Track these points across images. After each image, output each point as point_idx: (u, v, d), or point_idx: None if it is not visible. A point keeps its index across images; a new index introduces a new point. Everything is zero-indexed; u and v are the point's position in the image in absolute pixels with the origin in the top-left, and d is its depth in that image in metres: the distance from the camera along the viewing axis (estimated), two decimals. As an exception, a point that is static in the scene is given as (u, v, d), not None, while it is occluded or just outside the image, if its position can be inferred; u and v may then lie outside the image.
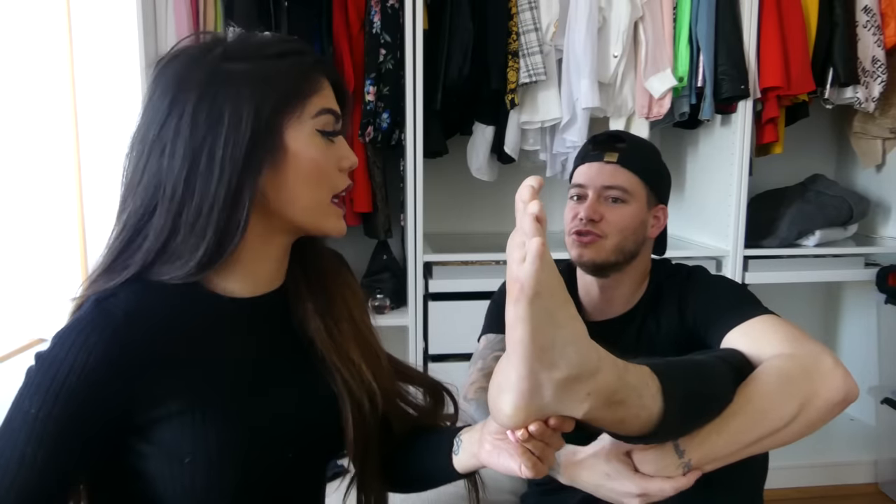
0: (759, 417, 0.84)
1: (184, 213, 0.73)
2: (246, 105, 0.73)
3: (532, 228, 0.61)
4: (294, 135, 0.76)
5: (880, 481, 2.37)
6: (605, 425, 0.72)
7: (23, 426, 0.68)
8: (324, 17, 2.06)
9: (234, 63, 0.75)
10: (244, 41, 0.78)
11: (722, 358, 0.91)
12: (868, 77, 2.22)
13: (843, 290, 2.82)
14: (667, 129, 2.46)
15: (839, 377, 0.88)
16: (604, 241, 1.17)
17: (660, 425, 0.73)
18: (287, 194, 0.77)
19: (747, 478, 1.05)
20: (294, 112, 0.76)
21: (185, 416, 0.72)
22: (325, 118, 0.78)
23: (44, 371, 0.69)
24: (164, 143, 0.74)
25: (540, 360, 0.63)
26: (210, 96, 0.73)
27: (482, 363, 1.18)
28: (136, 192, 0.75)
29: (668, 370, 0.76)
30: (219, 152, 0.72)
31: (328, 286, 0.89)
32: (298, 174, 0.76)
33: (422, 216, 2.07)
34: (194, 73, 0.74)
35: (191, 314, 0.76)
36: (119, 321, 0.70)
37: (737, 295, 1.11)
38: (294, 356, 0.84)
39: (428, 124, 2.06)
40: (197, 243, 0.73)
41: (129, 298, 0.72)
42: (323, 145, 0.78)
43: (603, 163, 1.18)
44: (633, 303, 1.23)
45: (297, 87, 0.76)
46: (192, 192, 0.73)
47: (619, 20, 2.08)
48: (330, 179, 0.79)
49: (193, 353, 0.74)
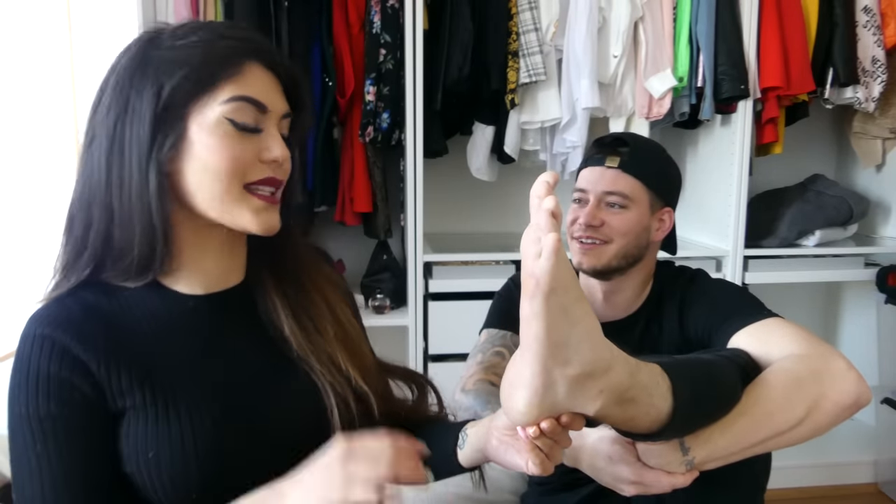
0: (765, 419, 0.83)
1: (114, 206, 0.74)
2: (148, 89, 0.72)
3: (548, 224, 0.61)
4: (198, 120, 0.74)
5: (880, 481, 2.37)
6: (615, 423, 0.72)
7: (23, 428, 0.71)
8: (324, 17, 2.06)
9: (156, 50, 0.74)
10: (180, 27, 0.77)
11: (729, 358, 0.91)
12: (868, 77, 2.22)
13: (843, 290, 2.82)
14: (667, 129, 2.46)
15: (851, 380, 0.87)
16: (605, 247, 1.16)
17: (668, 424, 0.73)
18: (192, 184, 0.75)
19: (749, 476, 1.05)
20: (200, 98, 0.73)
21: (147, 410, 0.73)
22: (238, 105, 0.74)
23: (17, 370, 0.72)
24: (91, 135, 0.76)
25: (554, 356, 0.64)
26: (124, 83, 0.73)
27: (482, 356, 1.18)
28: (76, 187, 0.77)
29: (677, 369, 0.76)
30: (126, 138, 0.73)
31: (304, 282, 0.87)
32: (198, 162, 0.74)
33: (422, 216, 2.07)
34: (120, 60, 0.75)
35: (148, 311, 0.77)
36: (75, 314, 0.74)
37: (741, 298, 1.10)
38: (261, 352, 0.83)
39: (428, 124, 2.06)
40: (130, 237, 0.74)
41: (85, 296, 0.76)
42: (234, 134, 0.74)
43: (604, 168, 1.17)
44: (637, 306, 1.22)
45: (205, 72, 0.73)
46: (113, 182, 0.74)
47: (619, 20, 2.08)
48: (238, 171, 0.75)
49: (151, 348, 0.75)
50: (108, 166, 0.74)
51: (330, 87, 2.07)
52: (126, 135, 0.73)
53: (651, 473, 0.82)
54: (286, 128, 0.81)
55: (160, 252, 0.75)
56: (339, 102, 2.09)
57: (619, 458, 0.83)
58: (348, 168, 2.15)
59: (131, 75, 0.74)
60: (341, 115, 2.13)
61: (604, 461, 0.85)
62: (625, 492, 0.84)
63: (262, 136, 0.77)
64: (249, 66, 0.76)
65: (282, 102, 0.79)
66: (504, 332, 1.21)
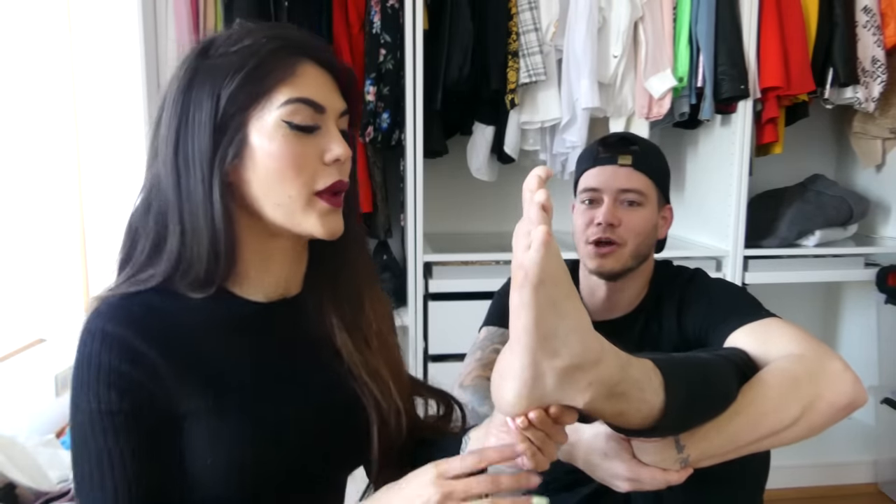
0: (761, 418, 0.83)
1: (184, 216, 0.74)
2: (206, 100, 0.72)
3: (538, 217, 0.61)
4: (258, 126, 0.74)
5: (880, 481, 2.37)
6: (605, 417, 0.72)
7: (93, 424, 0.70)
8: (324, 16, 2.06)
9: (209, 59, 0.74)
10: (230, 34, 0.76)
11: (726, 357, 0.91)
12: (868, 77, 2.22)
13: (843, 290, 2.82)
14: (667, 129, 2.46)
15: (847, 381, 0.87)
16: (623, 249, 1.15)
17: (660, 421, 0.73)
18: (256, 190, 0.75)
19: (748, 475, 1.06)
20: (257, 103, 0.73)
21: (207, 417, 0.73)
22: (295, 107, 0.74)
23: (82, 366, 0.71)
24: (154, 150, 0.76)
25: (542, 348, 0.64)
26: (182, 96, 0.74)
27: (480, 353, 1.18)
28: (144, 198, 0.77)
29: (671, 366, 0.76)
30: (189, 150, 0.73)
31: (360, 300, 0.87)
32: (263, 168, 0.74)
33: (422, 216, 2.07)
34: (177, 74, 0.75)
35: (209, 314, 0.76)
36: (141, 313, 0.73)
37: (740, 298, 1.11)
38: (313, 363, 0.83)
39: (428, 124, 2.07)
40: (199, 250, 0.74)
41: (150, 298, 0.75)
42: (293, 137, 0.74)
43: (617, 166, 1.16)
44: (635, 304, 1.22)
45: (259, 76, 0.73)
46: (182, 193, 0.74)
47: (619, 20, 2.09)
48: (304, 174, 0.75)
49: (211, 353, 0.75)
50: (175, 180, 0.74)
51: (330, 87, 2.07)
52: (189, 147, 0.73)
53: (646, 470, 0.82)
54: (345, 124, 0.81)
55: (224, 263, 0.75)
56: (339, 102, 2.09)
57: (614, 454, 0.83)
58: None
59: (188, 87, 0.74)
60: (341, 115, 2.13)
61: (599, 457, 0.85)
62: (620, 488, 0.85)
63: (321, 136, 0.76)
64: (303, 66, 0.75)
65: (338, 100, 0.79)
66: (503, 330, 1.22)
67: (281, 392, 0.78)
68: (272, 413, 0.76)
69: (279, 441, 0.76)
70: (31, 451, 1.72)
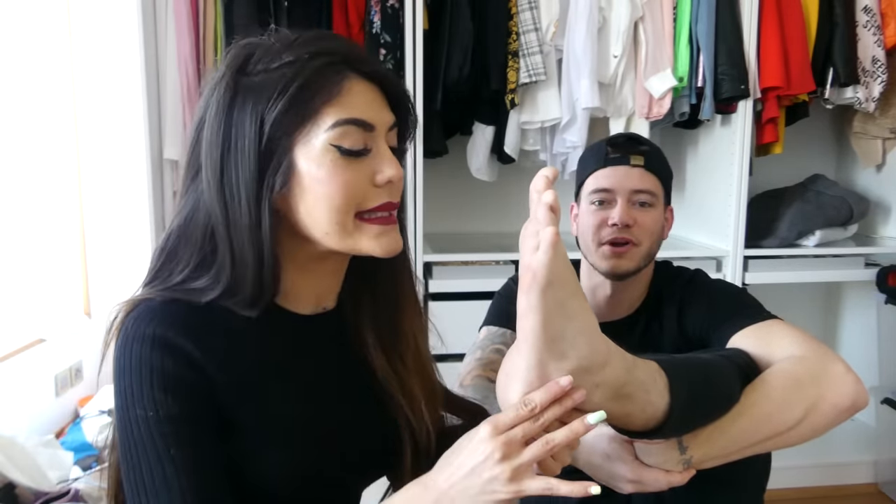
0: (764, 420, 0.83)
1: (232, 242, 0.71)
2: (248, 124, 0.69)
3: (546, 218, 0.61)
4: (304, 151, 0.70)
5: (880, 481, 2.37)
6: (611, 419, 0.72)
7: (151, 432, 0.67)
8: (324, 16, 2.06)
9: (249, 77, 0.70)
10: (270, 47, 0.72)
11: (728, 357, 0.91)
12: (868, 77, 2.22)
13: (843, 290, 2.82)
14: (667, 129, 2.46)
15: (849, 383, 0.87)
16: (639, 249, 1.15)
17: (664, 422, 0.73)
18: (305, 217, 0.72)
19: (749, 476, 1.05)
20: (303, 126, 0.70)
21: (246, 428, 0.72)
22: (344, 130, 0.70)
23: (129, 371, 0.68)
24: (196, 167, 0.73)
25: (549, 349, 0.63)
26: (223, 118, 0.70)
27: (481, 353, 1.18)
28: (180, 215, 0.74)
29: (675, 367, 0.76)
30: (234, 177, 0.70)
31: (399, 316, 0.85)
32: (311, 195, 0.71)
33: (422, 216, 2.07)
34: (217, 90, 0.71)
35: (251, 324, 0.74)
36: (187, 317, 0.70)
37: (741, 299, 1.11)
38: (352, 380, 0.83)
39: (428, 124, 2.06)
40: (244, 273, 0.71)
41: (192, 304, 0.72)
42: (341, 161, 0.70)
43: (630, 166, 1.16)
44: (636, 306, 1.22)
45: (305, 97, 0.69)
46: (230, 220, 0.71)
47: (619, 20, 2.08)
48: (353, 199, 0.72)
49: (252, 363, 0.73)
50: (222, 205, 0.71)
51: (330, 87, 2.07)
52: (233, 173, 0.70)
53: (648, 472, 0.82)
54: (394, 139, 0.78)
55: (269, 287, 0.73)
56: (339, 102, 2.09)
57: (617, 455, 0.83)
58: (348, 168, 2.15)
59: (229, 108, 0.70)
60: (341, 115, 2.13)
61: (601, 458, 0.85)
62: (622, 490, 0.85)
63: (372, 157, 0.73)
64: (348, 82, 0.71)
65: (387, 114, 0.75)
66: (504, 330, 1.22)
67: (317, 406, 0.78)
68: (307, 427, 0.76)
69: (312, 455, 0.76)
70: (30, 451, 1.72)
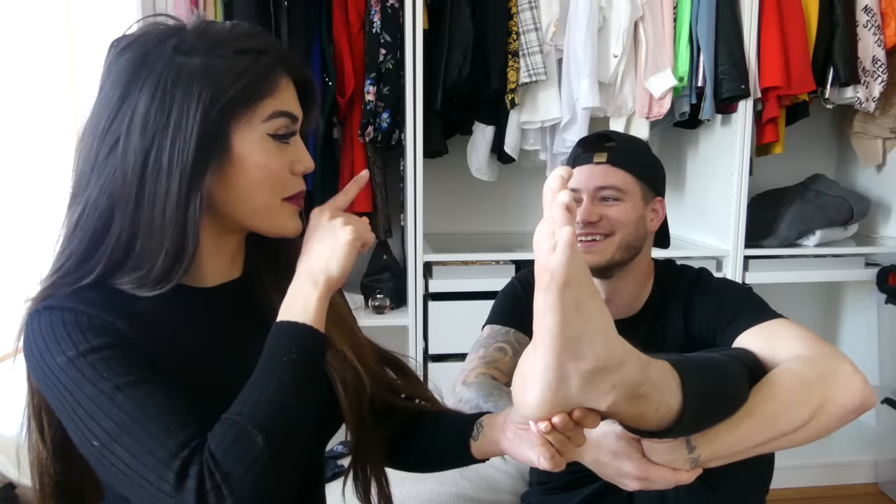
0: (771, 419, 0.84)
1: (141, 219, 0.73)
2: (194, 106, 0.71)
3: (562, 217, 0.61)
4: (242, 137, 0.74)
5: (880, 481, 2.37)
6: (625, 419, 0.72)
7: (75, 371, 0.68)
8: (324, 16, 2.06)
9: (187, 57, 0.72)
10: (201, 33, 0.75)
11: (737, 357, 0.91)
12: (868, 77, 2.22)
13: (843, 290, 2.82)
14: (667, 129, 2.46)
15: (857, 384, 0.88)
16: (608, 241, 1.16)
17: (676, 422, 0.73)
18: (234, 197, 0.76)
19: (753, 475, 1.05)
20: (244, 115, 0.74)
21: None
22: (279, 121, 0.76)
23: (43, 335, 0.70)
24: (115, 139, 0.73)
25: (568, 350, 0.63)
26: (160, 94, 0.71)
27: (484, 351, 1.18)
28: (88, 190, 0.74)
29: (687, 367, 0.77)
30: (166, 155, 0.71)
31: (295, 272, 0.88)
32: (245, 178, 0.75)
33: (422, 216, 2.07)
34: (146, 65, 0.72)
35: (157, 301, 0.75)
36: (94, 299, 0.72)
37: (747, 298, 1.11)
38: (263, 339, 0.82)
39: (428, 124, 2.06)
40: (155, 250, 0.73)
41: (93, 290, 0.74)
42: (274, 149, 0.76)
43: (593, 164, 1.18)
44: (639, 305, 1.22)
45: (249, 90, 0.73)
46: (145, 196, 0.72)
47: (619, 20, 2.08)
48: (279, 183, 0.77)
49: (163, 337, 0.74)
50: (140, 180, 0.72)
51: (330, 87, 2.07)
52: (166, 153, 0.71)
53: (656, 470, 0.82)
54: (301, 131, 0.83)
55: (186, 264, 0.74)
56: (339, 102, 2.09)
57: (624, 453, 0.83)
58: (348, 168, 2.15)
59: (172, 84, 0.71)
60: (341, 114, 2.13)
61: (608, 456, 0.85)
62: (628, 487, 0.85)
63: (291, 147, 0.78)
64: (284, 79, 0.77)
65: (300, 107, 0.80)
66: (507, 329, 1.22)
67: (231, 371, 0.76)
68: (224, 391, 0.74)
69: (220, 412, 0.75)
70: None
